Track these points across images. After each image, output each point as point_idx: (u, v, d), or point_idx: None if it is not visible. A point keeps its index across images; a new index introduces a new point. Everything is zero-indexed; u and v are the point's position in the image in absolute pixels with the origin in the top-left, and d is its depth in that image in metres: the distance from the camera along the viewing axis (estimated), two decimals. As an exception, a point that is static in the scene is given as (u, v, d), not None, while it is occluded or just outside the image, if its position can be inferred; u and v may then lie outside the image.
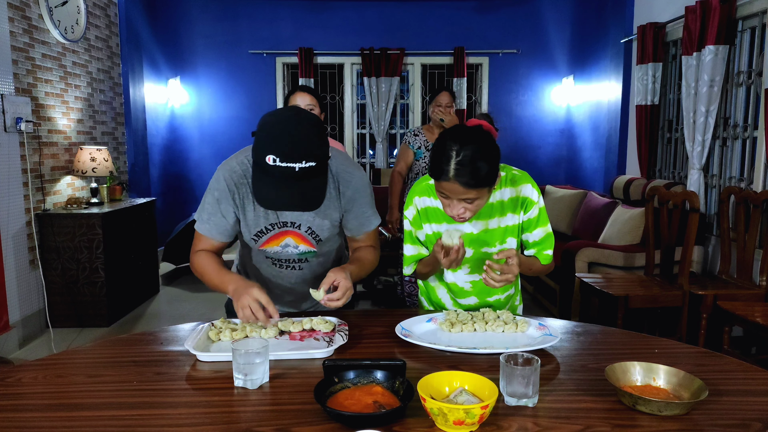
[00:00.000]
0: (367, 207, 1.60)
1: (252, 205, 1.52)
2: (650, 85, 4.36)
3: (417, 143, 3.49)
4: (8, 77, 3.53)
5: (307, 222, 1.55)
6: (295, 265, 1.64)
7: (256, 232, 1.55)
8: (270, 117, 1.33)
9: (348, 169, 1.55)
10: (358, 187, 1.55)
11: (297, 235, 1.58)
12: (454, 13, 6.21)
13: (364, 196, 1.57)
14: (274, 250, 1.60)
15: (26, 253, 3.71)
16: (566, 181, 6.31)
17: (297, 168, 1.27)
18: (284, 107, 1.38)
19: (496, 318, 1.51)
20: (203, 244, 1.59)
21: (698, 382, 1.08)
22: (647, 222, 3.39)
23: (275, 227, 1.55)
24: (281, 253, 1.61)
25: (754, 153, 3.44)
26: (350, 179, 1.54)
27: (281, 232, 1.56)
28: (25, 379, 1.21)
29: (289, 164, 1.27)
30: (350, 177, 1.54)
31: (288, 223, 1.55)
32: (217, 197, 1.51)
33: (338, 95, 6.45)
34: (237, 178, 1.50)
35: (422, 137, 3.51)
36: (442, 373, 1.09)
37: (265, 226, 1.54)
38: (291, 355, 1.30)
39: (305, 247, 1.60)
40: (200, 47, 6.20)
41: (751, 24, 3.51)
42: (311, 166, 1.28)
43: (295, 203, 1.34)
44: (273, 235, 1.57)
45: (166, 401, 1.11)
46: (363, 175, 1.58)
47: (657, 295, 2.99)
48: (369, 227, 1.63)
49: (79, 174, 4.16)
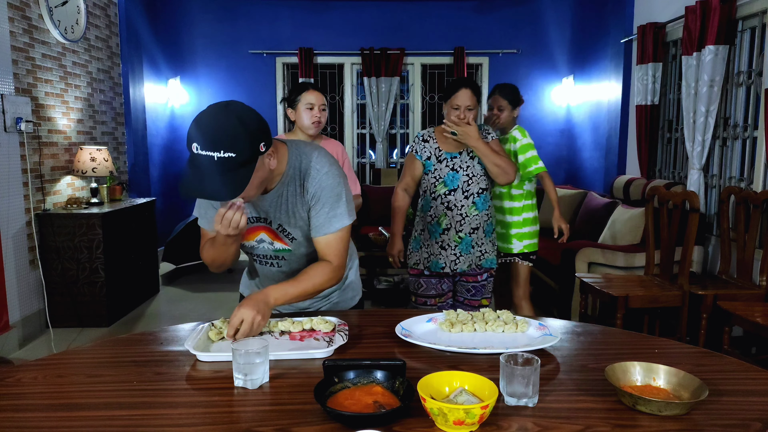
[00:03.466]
0: (332, 206, 1.51)
1: None
2: (650, 85, 4.36)
3: (426, 152, 2.58)
4: (8, 77, 3.53)
5: (277, 219, 1.54)
6: (273, 261, 1.65)
7: None
8: (205, 110, 1.34)
9: (317, 166, 1.50)
10: (323, 184, 1.50)
11: (270, 231, 1.58)
12: (454, 13, 6.21)
13: (330, 194, 1.51)
14: (251, 244, 1.61)
15: (26, 253, 3.71)
16: (566, 181, 6.31)
17: (216, 157, 1.26)
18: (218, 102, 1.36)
19: (496, 318, 1.51)
20: (207, 237, 1.63)
21: (698, 382, 1.08)
22: (647, 222, 3.39)
23: (250, 221, 1.56)
24: (257, 248, 1.62)
25: (754, 153, 3.44)
26: (316, 175, 1.50)
27: (255, 226, 1.58)
28: (25, 379, 1.21)
29: (209, 152, 1.26)
30: (316, 174, 1.50)
31: (261, 218, 1.55)
32: None
33: (338, 95, 6.45)
34: None
35: (433, 144, 2.58)
36: (442, 373, 1.09)
37: None
38: (291, 355, 1.30)
39: (280, 245, 1.60)
40: (200, 47, 6.20)
41: (751, 24, 3.51)
42: (230, 156, 1.27)
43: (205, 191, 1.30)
44: (249, 229, 1.58)
45: (166, 401, 1.11)
46: (334, 173, 1.52)
47: (657, 295, 2.99)
48: (329, 228, 1.51)
49: (79, 174, 4.16)
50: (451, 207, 2.54)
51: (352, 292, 1.84)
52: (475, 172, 2.54)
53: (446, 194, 2.53)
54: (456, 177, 2.52)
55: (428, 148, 2.60)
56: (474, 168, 2.54)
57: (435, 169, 2.57)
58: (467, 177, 2.53)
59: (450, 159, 2.54)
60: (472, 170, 2.54)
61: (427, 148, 2.60)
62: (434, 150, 2.58)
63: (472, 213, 2.54)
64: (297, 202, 1.52)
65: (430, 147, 2.60)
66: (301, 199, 1.52)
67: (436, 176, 2.56)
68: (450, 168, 2.53)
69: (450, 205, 2.54)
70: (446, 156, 2.55)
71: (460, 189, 2.52)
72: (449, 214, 2.54)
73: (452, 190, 2.53)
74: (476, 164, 2.54)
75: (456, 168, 2.53)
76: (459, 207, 2.53)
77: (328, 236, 1.53)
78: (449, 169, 2.53)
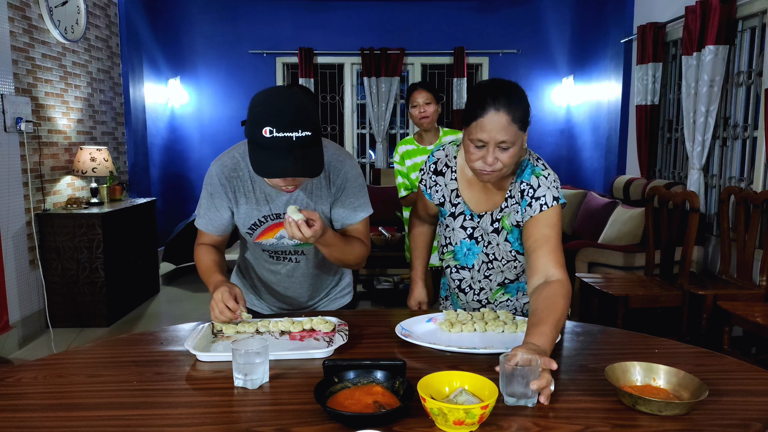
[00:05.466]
0: (356, 196, 1.57)
1: (244, 198, 1.54)
2: (650, 85, 4.36)
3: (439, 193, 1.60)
4: (8, 77, 3.53)
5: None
6: (292, 257, 1.65)
7: (249, 225, 1.57)
8: (262, 94, 1.34)
9: (339, 158, 1.56)
10: (348, 175, 1.55)
11: None
12: (454, 13, 6.21)
13: (354, 185, 1.57)
14: (270, 242, 1.61)
15: (26, 253, 3.71)
16: (566, 181, 6.31)
17: (294, 137, 1.27)
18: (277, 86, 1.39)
19: (496, 318, 1.51)
20: (203, 238, 1.64)
21: (698, 382, 1.08)
22: (647, 222, 3.39)
23: (268, 219, 1.56)
24: (277, 245, 1.62)
25: (754, 153, 3.44)
26: (341, 167, 1.55)
27: (275, 224, 1.58)
28: (25, 379, 1.21)
29: (286, 134, 1.27)
30: (341, 165, 1.55)
31: (281, 214, 1.56)
32: (211, 192, 1.55)
33: (338, 95, 6.45)
34: (228, 172, 1.53)
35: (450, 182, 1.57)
36: (442, 373, 1.09)
37: (258, 218, 1.56)
38: (291, 355, 1.30)
39: None
40: (200, 47, 6.20)
41: (751, 24, 3.50)
42: (307, 135, 1.29)
43: (298, 169, 1.31)
44: (267, 228, 1.58)
45: (166, 401, 1.11)
46: (354, 164, 1.58)
47: (657, 295, 2.99)
48: (356, 218, 1.59)
49: (79, 174, 4.16)
50: (464, 288, 1.67)
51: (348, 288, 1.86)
52: (500, 254, 1.58)
53: (458, 269, 1.66)
54: (473, 251, 1.61)
55: (442, 187, 1.59)
56: (499, 248, 1.57)
57: (448, 225, 1.63)
58: (487, 257, 1.60)
59: (469, 217, 1.57)
60: (494, 250, 1.58)
61: (441, 185, 1.60)
62: (450, 193, 1.59)
63: (500, 299, 1.67)
64: (322, 194, 1.55)
65: (446, 186, 1.59)
66: (327, 191, 1.55)
67: (448, 237, 1.64)
68: (466, 233, 1.59)
69: (463, 286, 1.67)
70: (465, 210, 1.57)
71: (476, 270, 1.62)
72: (462, 297, 1.70)
73: (464, 267, 1.64)
74: (503, 241, 1.56)
75: (476, 236, 1.58)
76: (476, 290, 1.66)
77: (357, 225, 1.60)
78: (464, 234, 1.59)
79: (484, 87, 1.37)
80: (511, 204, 1.50)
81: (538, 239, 1.42)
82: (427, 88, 2.96)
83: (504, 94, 1.33)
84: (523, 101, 1.36)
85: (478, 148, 1.36)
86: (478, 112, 1.34)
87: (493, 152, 1.34)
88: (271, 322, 1.46)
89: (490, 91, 1.34)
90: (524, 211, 1.47)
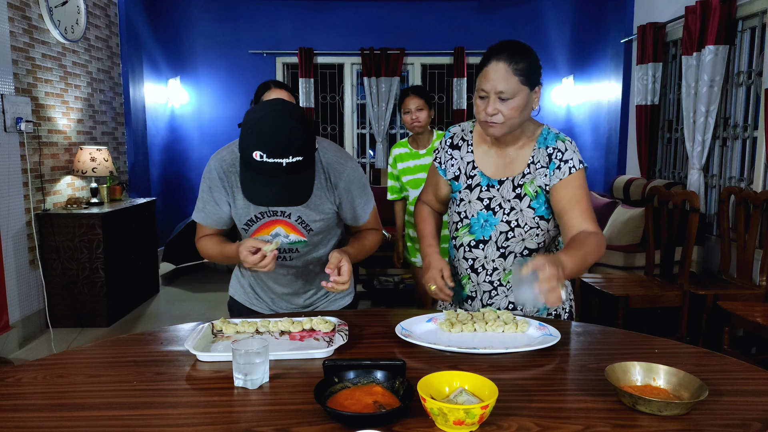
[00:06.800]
0: (362, 196, 1.62)
1: (242, 193, 1.53)
2: (650, 85, 4.36)
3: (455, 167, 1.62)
4: (8, 77, 3.53)
5: (297, 211, 1.57)
6: (286, 255, 1.65)
7: (246, 221, 1.59)
8: (255, 113, 1.33)
9: (340, 160, 1.57)
10: (351, 178, 1.58)
11: (287, 224, 1.59)
12: (454, 13, 6.21)
13: (358, 185, 1.60)
14: (264, 239, 1.61)
15: (26, 253, 3.71)
16: (566, 181, 6.30)
17: (284, 163, 1.28)
18: (268, 101, 1.36)
19: (496, 318, 1.51)
20: (203, 231, 1.66)
21: (698, 382, 1.07)
22: (647, 222, 3.39)
23: (265, 216, 1.57)
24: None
25: (754, 153, 3.44)
26: (342, 170, 1.56)
27: (271, 221, 1.58)
28: (25, 379, 1.21)
29: (276, 159, 1.27)
30: (342, 168, 1.56)
31: (278, 212, 1.57)
32: (209, 185, 1.57)
33: (338, 95, 6.45)
34: (227, 166, 1.55)
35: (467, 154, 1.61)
36: (442, 373, 1.09)
37: (255, 214, 1.57)
38: (291, 355, 1.30)
39: (296, 237, 1.61)
40: (200, 47, 6.20)
41: (751, 24, 3.50)
42: (298, 160, 1.29)
43: (283, 198, 1.35)
44: (263, 224, 1.59)
45: (166, 401, 1.11)
46: (355, 166, 1.61)
47: (657, 295, 2.99)
48: (366, 215, 1.66)
49: (79, 174, 4.16)
50: (477, 268, 1.61)
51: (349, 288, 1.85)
52: (523, 220, 1.54)
53: (472, 246, 1.60)
54: (491, 222, 1.57)
55: (458, 160, 1.61)
56: (522, 214, 1.54)
57: (463, 198, 1.60)
58: (507, 226, 1.55)
59: (486, 188, 1.57)
60: (517, 216, 1.54)
61: (457, 159, 1.61)
62: (466, 166, 1.60)
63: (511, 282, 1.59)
64: (322, 195, 1.57)
65: (461, 159, 1.61)
66: (329, 193, 1.57)
67: (462, 212, 1.60)
68: (483, 204, 1.57)
69: (476, 266, 1.61)
70: (481, 180, 1.57)
71: (493, 242, 1.57)
72: (474, 278, 1.63)
73: (481, 241, 1.59)
74: (526, 207, 1.53)
75: (493, 207, 1.56)
76: (489, 270, 1.60)
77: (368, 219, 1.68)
78: (481, 206, 1.57)
79: (493, 44, 1.46)
80: (534, 170, 1.53)
81: (570, 200, 1.48)
82: (420, 94, 2.97)
83: (507, 47, 1.42)
84: (528, 55, 1.42)
85: (482, 99, 1.44)
86: (483, 64, 1.44)
87: (493, 102, 1.41)
88: (271, 322, 1.46)
89: (496, 45, 1.45)
90: (552, 174, 1.51)
